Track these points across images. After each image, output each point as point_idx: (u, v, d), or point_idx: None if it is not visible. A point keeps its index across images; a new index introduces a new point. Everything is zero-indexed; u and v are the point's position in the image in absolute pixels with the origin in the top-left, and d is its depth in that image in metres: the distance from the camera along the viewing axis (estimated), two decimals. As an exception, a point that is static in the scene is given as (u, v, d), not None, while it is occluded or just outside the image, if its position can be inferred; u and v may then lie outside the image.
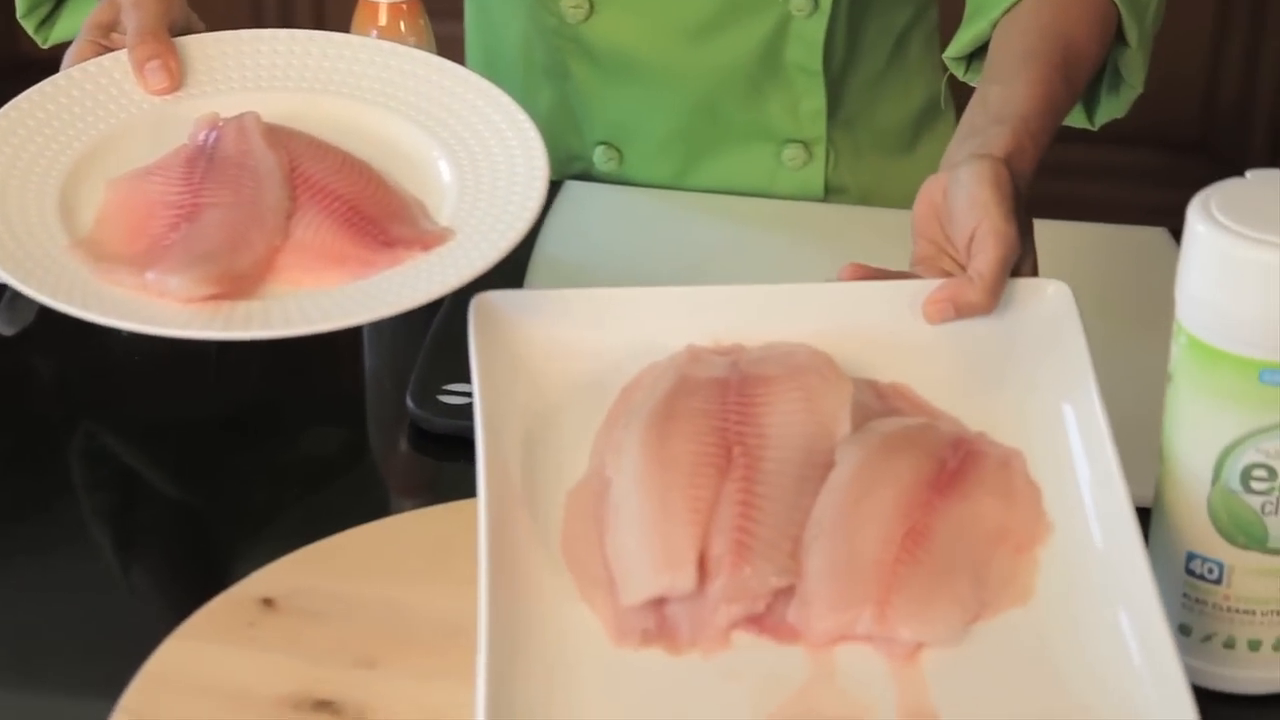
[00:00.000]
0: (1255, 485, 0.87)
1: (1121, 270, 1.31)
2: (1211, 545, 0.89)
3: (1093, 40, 1.12)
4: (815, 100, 1.37)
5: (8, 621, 0.98)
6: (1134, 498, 0.98)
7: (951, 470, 0.90)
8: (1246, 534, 0.88)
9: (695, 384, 0.92)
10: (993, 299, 0.96)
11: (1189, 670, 0.82)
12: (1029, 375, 0.96)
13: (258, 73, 1.08)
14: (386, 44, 1.12)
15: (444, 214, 1.00)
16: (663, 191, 1.40)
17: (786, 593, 0.86)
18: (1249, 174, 0.90)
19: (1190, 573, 0.90)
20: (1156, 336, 0.98)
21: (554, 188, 1.41)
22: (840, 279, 0.99)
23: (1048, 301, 0.97)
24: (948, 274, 1.00)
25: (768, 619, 0.85)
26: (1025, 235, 1.00)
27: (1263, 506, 0.88)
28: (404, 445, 1.14)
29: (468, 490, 1.01)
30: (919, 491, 0.89)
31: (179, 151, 1.01)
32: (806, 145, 1.38)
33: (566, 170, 1.44)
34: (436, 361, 1.16)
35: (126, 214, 0.98)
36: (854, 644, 0.85)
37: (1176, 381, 0.90)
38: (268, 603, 0.93)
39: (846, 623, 0.85)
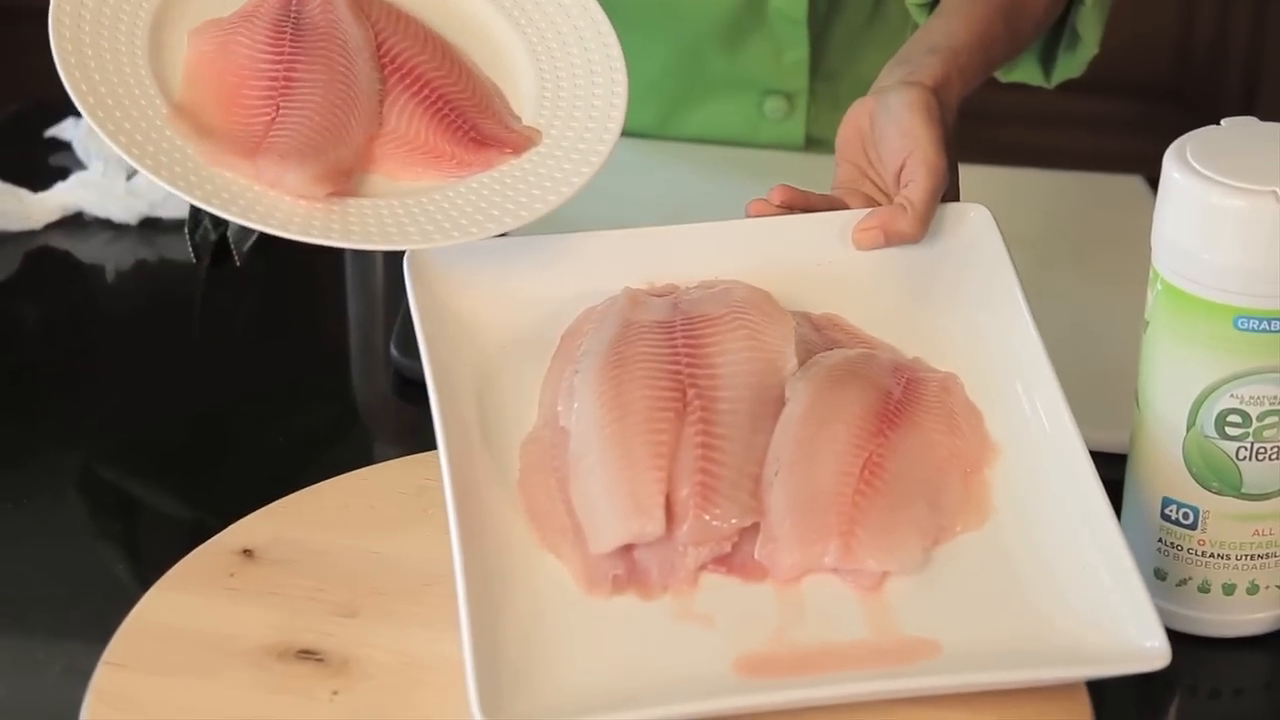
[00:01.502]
0: (1230, 431, 0.88)
1: (1098, 218, 1.32)
2: (1186, 490, 0.90)
3: None
4: (798, 51, 1.37)
5: (-10, 572, 0.99)
6: (1111, 444, 0.99)
7: (897, 399, 0.91)
8: (1221, 479, 0.89)
9: (640, 328, 0.93)
10: (923, 227, 0.97)
11: (1165, 614, 0.83)
12: (957, 299, 0.97)
13: None
14: None
15: (526, 111, 0.97)
16: (643, 140, 1.40)
17: (751, 531, 0.87)
18: (1224, 122, 0.90)
19: (1165, 518, 0.91)
20: (1133, 283, 0.98)
21: (532, 137, 1.41)
22: (769, 199, 1.00)
23: (970, 225, 0.98)
24: (870, 198, 1.01)
25: (735, 558, 0.86)
26: (951, 166, 1.00)
27: (1237, 452, 0.89)
28: (387, 393, 1.15)
29: (448, 439, 1.02)
30: (869, 422, 0.90)
31: (260, 6, 0.96)
32: (788, 96, 1.38)
33: None
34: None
35: (217, 77, 0.94)
36: (821, 577, 0.86)
37: (1153, 328, 0.90)
38: (248, 553, 0.93)
39: (813, 557, 0.86)
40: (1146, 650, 0.81)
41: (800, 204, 1.00)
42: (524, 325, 0.95)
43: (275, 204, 0.88)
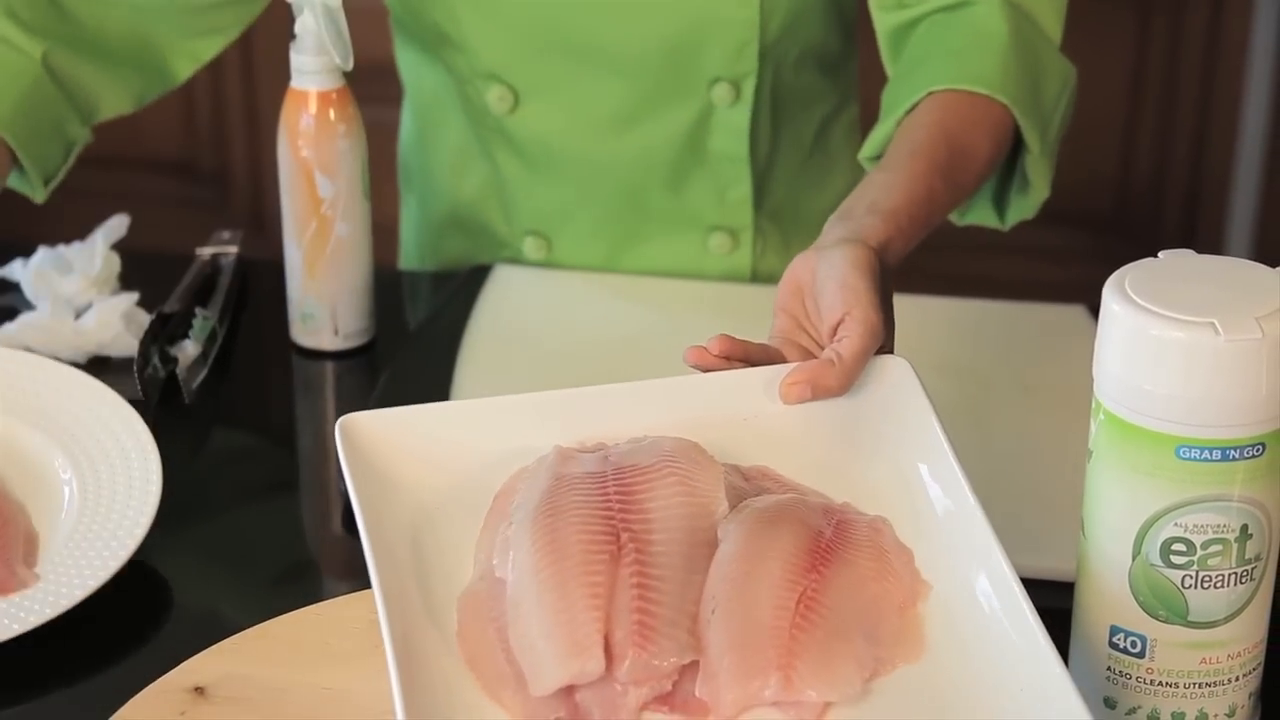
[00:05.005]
0: (1175, 559, 0.89)
1: (1040, 347, 1.33)
2: (1134, 619, 0.91)
3: (983, 142, 1.15)
4: (741, 188, 1.39)
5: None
6: (1058, 572, 1.00)
7: (828, 539, 0.92)
8: (1168, 607, 0.90)
9: (572, 480, 0.93)
10: (849, 383, 0.99)
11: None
12: (882, 447, 0.98)
13: None
14: (35, 358, 1.20)
15: (54, 547, 1.07)
16: (592, 274, 1.41)
17: (691, 669, 0.86)
18: (1162, 254, 0.92)
19: (1114, 646, 0.92)
20: (1076, 412, 1.00)
21: (484, 271, 1.43)
22: (709, 349, 1.01)
23: (891, 375, 1.00)
24: (805, 350, 1.02)
25: (676, 696, 0.86)
26: (888, 324, 1.02)
27: (1183, 580, 0.89)
28: (339, 529, 1.15)
29: (400, 574, 1.02)
30: (802, 558, 0.91)
31: None
32: (732, 233, 1.40)
33: (497, 257, 1.45)
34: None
35: None
36: (762, 712, 0.86)
37: (1096, 457, 0.91)
38: (199, 690, 0.93)
39: (753, 691, 0.85)
40: None
41: (738, 354, 1.01)
42: (456, 486, 0.95)
43: None
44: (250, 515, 1.18)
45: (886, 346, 1.02)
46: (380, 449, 0.95)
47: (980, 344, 1.34)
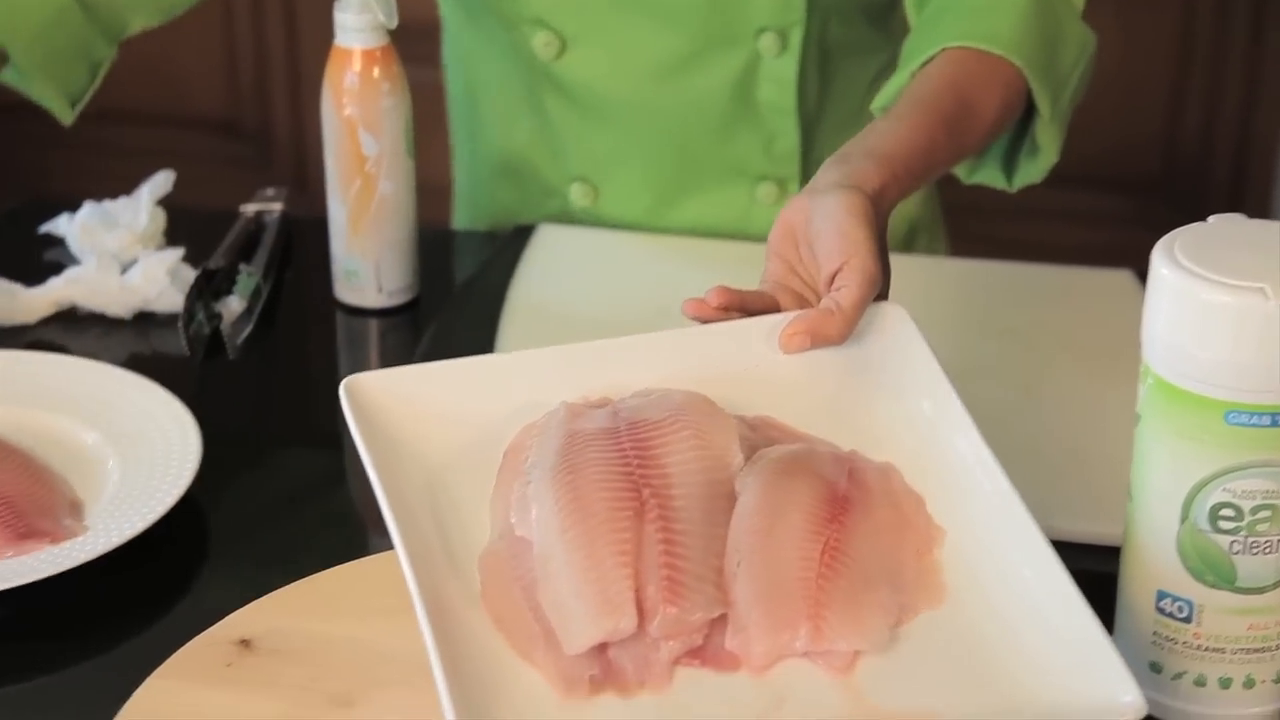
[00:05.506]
0: (1223, 525, 0.89)
1: (1088, 312, 1.33)
2: (1181, 584, 0.90)
3: (991, 100, 1.14)
4: (789, 139, 1.38)
5: (-14, 663, 0.99)
6: (1105, 537, 1.00)
7: (843, 488, 0.93)
8: (1215, 573, 0.90)
9: (585, 436, 0.94)
10: (849, 331, 0.99)
11: (1160, 708, 0.83)
12: (883, 392, 0.99)
13: None
14: (69, 359, 1.23)
15: (100, 505, 1.10)
16: (636, 234, 1.41)
17: (720, 622, 0.87)
18: (1211, 219, 0.91)
19: (1160, 611, 0.91)
20: (1124, 377, 0.99)
21: (528, 231, 1.43)
22: (708, 300, 1.01)
23: (888, 321, 1.00)
24: (799, 295, 1.02)
25: (707, 650, 0.87)
26: (884, 271, 1.02)
27: (1231, 546, 0.89)
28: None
29: (444, 531, 1.02)
30: (822, 509, 0.91)
31: None
32: (780, 183, 1.40)
33: (544, 207, 1.45)
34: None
35: None
36: (792, 662, 0.86)
37: (1144, 422, 0.91)
38: (245, 643, 0.93)
39: (784, 643, 0.86)
40: (1122, 705, 0.82)
41: (736, 304, 1.01)
42: (464, 444, 0.95)
43: None
44: (294, 471, 1.19)
45: (883, 294, 1.02)
46: (385, 409, 0.95)
47: (1027, 308, 1.33)
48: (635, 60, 1.36)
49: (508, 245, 1.41)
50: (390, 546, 1.00)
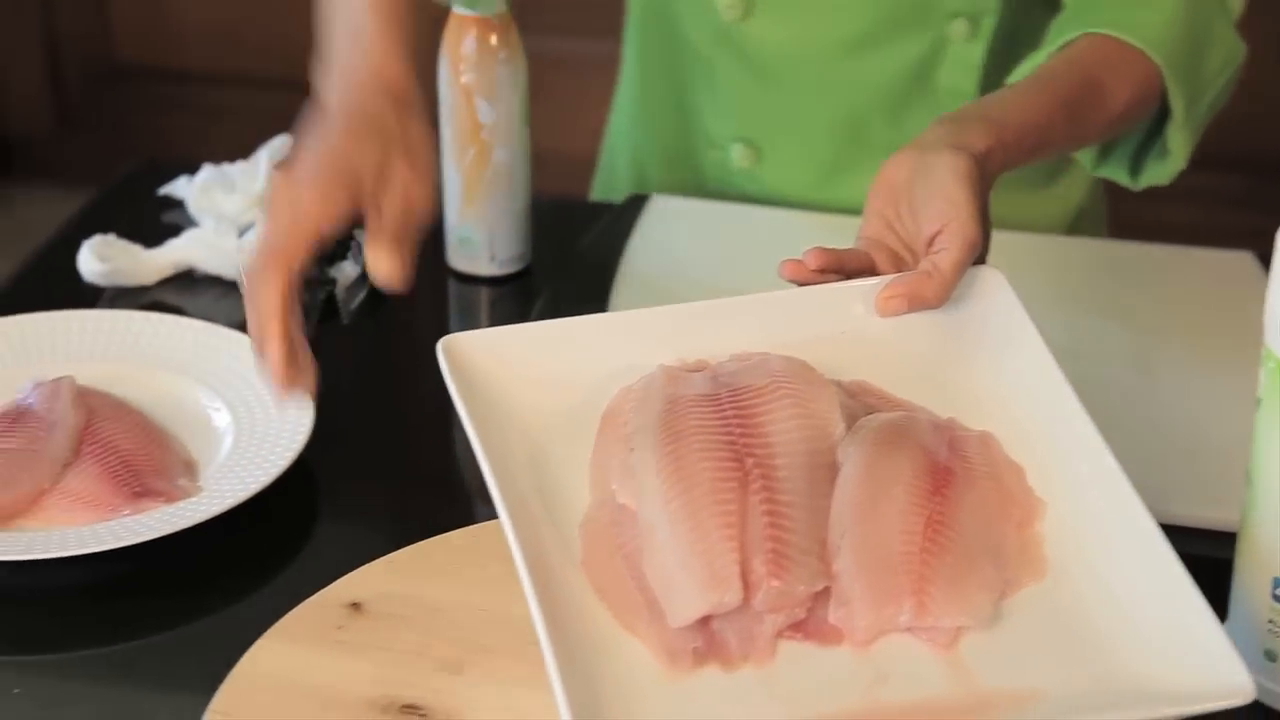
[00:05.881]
0: (1343, 511, 0.87)
1: (1208, 294, 1.31)
2: (1298, 571, 0.89)
3: (1122, 93, 1.12)
4: None
5: (106, 617, 1.00)
6: (1221, 522, 0.99)
7: (944, 459, 0.92)
8: (1333, 560, 0.88)
9: (687, 403, 0.93)
10: (947, 295, 0.98)
11: (1273, 697, 0.81)
12: (981, 359, 0.98)
13: (90, 347, 1.21)
14: (185, 320, 1.24)
15: (214, 466, 1.11)
16: (750, 206, 1.40)
17: (823, 595, 0.87)
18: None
19: (1276, 598, 0.90)
20: (1244, 360, 0.98)
21: (641, 201, 1.42)
22: (805, 263, 1.00)
23: (986, 286, 0.99)
24: (895, 254, 1.01)
25: (810, 623, 0.87)
26: (985, 236, 1.01)
27: (1350, 533, 0.88)
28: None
29: (554, 500, 1.02)
30: (924, 481, 0.91)
31: (3, 406, 1.13)
32: None
33: (704, 160, 1.43)
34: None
35: None
36: (895, 636, 0.86)
37: (1264, 406, 0.89)
38: (355, 607, 0.94)
39: (888, 617, 0.86)
40: (1231, 688, 0.81)
41: (834, 266, 1.01)
42: (560, 406, 0.96)
43: None
44: (406, 436, 1.19)
45: (981, 258, 1.01)
46: (483, 369, 0.96)
47: (1146, 289, 1.31)
48: (819, 32, 1.34)
49: (620, 215, 1.41)
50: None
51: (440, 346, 0.96)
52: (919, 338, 0.99)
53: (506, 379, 0.96)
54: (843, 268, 1.01)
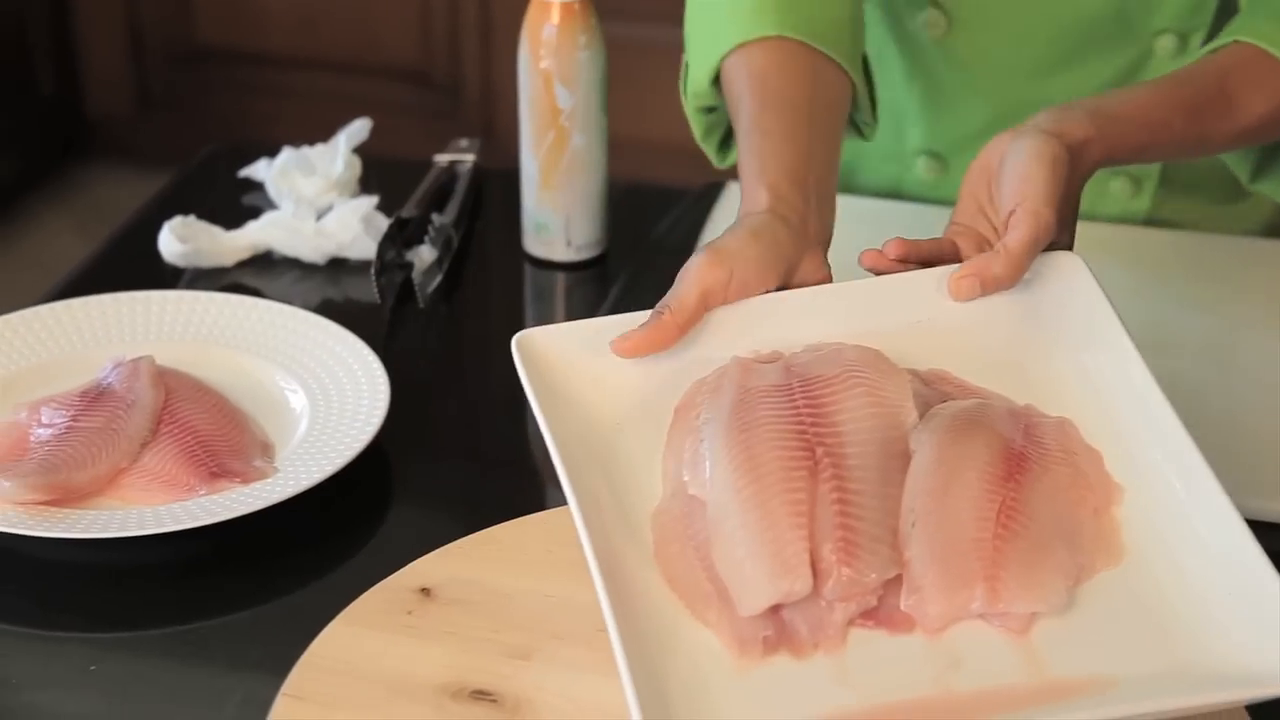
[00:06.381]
0: None
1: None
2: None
3: (1255, 104, 1.09)
4: None
5: (181, 596, 1.00)
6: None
7: (1019, 445, 0.91)
8: None
9: (758, 393, 0.93)
10: (1017, 273, 0.97)
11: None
12: (1060, 345, 0.97)
13: (169, 327, 1.23)
14: (264, 302, 1.24)
15: (290, 448, 1.11)
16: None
17: (894, 583, 0.87)
18: None
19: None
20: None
21: (716, 188, 1.42)
22: (885, 254, 1.00)
23: (1064, 271, 0.98)
24: (983, 239, 1.00)
25: (881, 611, 0.86)
26: (1066, 225, 0.99)
27: None
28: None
29: (626, 487, 1.02)
30: (998, 467, 0.90)
31: (84, 384, 1.14)
32: (1136, 180, 1.35)
33: (881, 172, 1.42)
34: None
35: (13, 430, 1.11)
36: (967, 624, 0.86)
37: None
38: (426, 592, 0.94)
39: (959, 604, 0.86)
40: None
41: (913, 256, 1.00)
42: (634, 399, 0.95)
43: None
44: (478, 421, 1.20)
45: (1066, 246, 1.00)
46: (557, 364, 0.95)
47: (1227, 280, 1.30)
48: (1019, 51, 1.31)
49: (696, 202, 1.41)
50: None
51: (514, 342, 0.96)
52: (997, 325, 0.98)
53: (580, 373, 0.96)
54: (923, 259, 1.00)
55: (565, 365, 0.96)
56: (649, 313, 0.97)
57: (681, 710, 0.81)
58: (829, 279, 1.01)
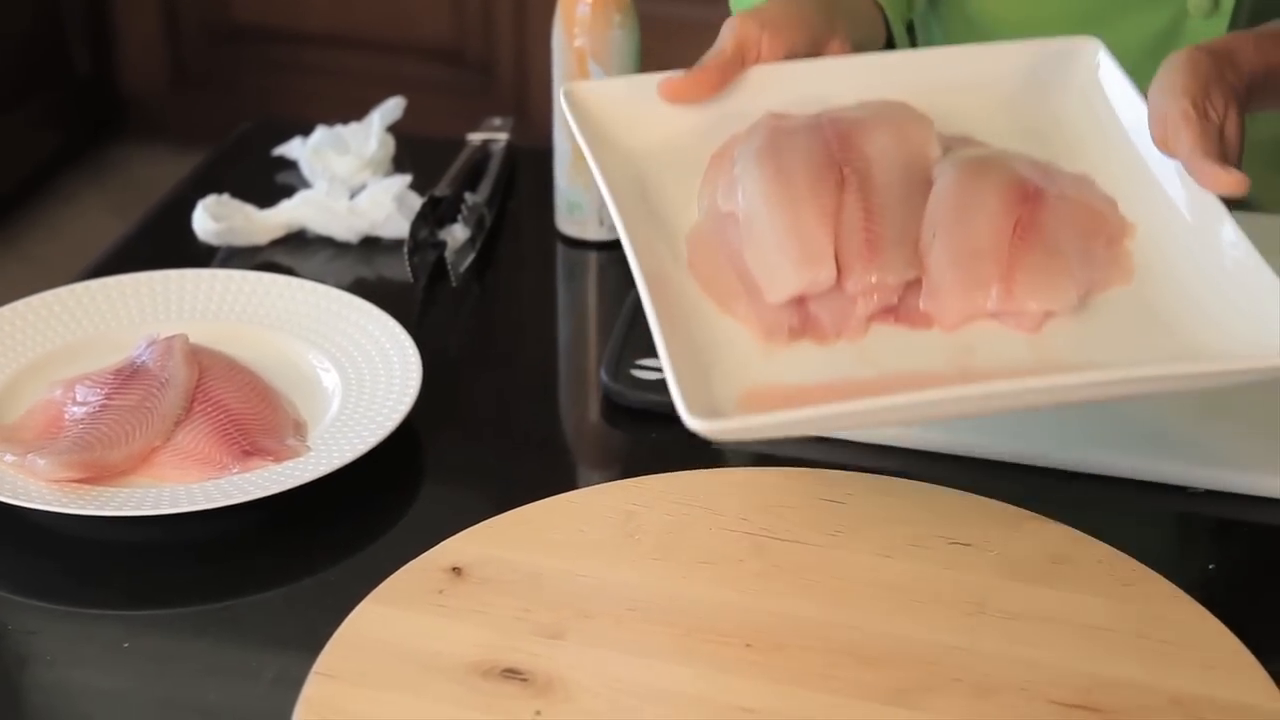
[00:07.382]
0: None
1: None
2: None
3: None
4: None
5: (213, 574, 1.01)
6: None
7: (1036, 183, 0.95)
8: None
9: (790, 128, 0.98)
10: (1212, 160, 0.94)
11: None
12: (1079, 120, 1.01)
13: (203, 306, 1.22)
14: (297, 281, 1.24)
15: (322, 427, 1.11)
16: None
17: (914, 286, 0.92)
18: None
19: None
20: None
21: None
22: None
23: (1081, 52, 1.03)
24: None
25: (901, 309, 0.91)
26: (1191, 118, 0.95)
27: None
28: (596, 418, 1.16)
29: (657, 465, 1.02)
30: (1016, 191, 0.94)
31: (118, 362, 1.14)
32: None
33: None
34: (630, 337, 1.17)
35: (49, 408, 1.11)
36: (983, 323, 0.91)
37: None
38: (457, 571, 0.94)
39: (976, 302, 0.90)
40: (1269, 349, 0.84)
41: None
42: (674, 149, 1.00)
43: (26, 485, 1.03)
44: (510, 400, 1.20)
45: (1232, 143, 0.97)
46: (602, 112, 1.00)
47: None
48: (1051, 6, 1.30)
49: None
50: (599, 480, 1.01)
51: (562, 93, 1.00)
52: (1014, 100, 1.02)
53: (625, 122, 1.00)
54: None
55: (609, 113, 1.00)
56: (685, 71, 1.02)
57: (715, 376, 0.87)
58: None
